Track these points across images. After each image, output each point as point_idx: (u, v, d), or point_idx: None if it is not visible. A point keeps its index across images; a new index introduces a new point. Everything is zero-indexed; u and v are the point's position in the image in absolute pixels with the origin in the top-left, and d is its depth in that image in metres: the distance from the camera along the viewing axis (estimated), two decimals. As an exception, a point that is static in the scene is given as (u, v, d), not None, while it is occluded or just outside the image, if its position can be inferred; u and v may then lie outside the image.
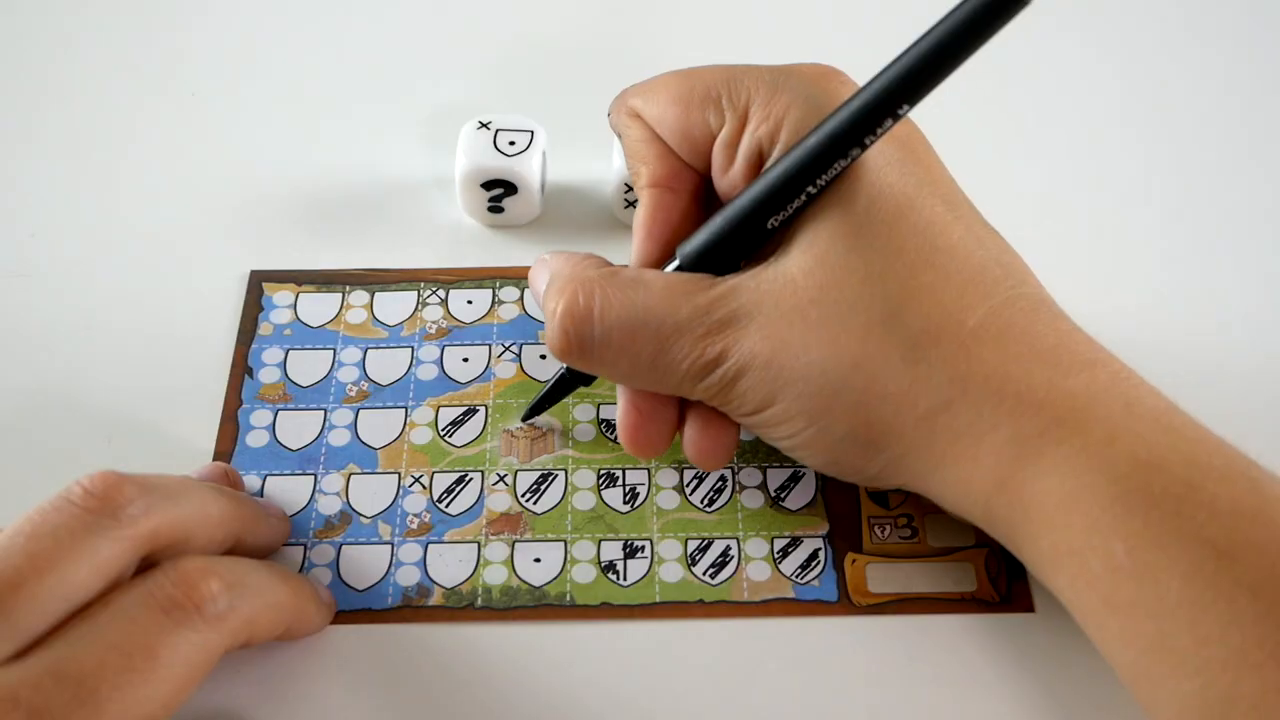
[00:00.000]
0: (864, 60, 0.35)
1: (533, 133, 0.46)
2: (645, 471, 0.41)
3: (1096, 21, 0.56)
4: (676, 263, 0.37)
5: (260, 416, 0.42)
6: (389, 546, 0.39)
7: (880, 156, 0.35)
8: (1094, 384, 0.33)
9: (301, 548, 0.39)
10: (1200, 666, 0.29)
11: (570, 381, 0.40)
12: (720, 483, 0.40)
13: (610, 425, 0.42)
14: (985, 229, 0.36)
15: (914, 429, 0.33)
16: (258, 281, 0.45)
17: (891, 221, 0.34)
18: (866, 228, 0.34)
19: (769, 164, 0.35)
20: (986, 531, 0.35)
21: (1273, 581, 0.29)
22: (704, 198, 0.39)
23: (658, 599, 0.38)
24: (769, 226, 0.35)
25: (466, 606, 0.38)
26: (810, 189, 0.34)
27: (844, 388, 0.33)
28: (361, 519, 0.39)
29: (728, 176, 0.37)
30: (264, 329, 0.44)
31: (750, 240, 0.36)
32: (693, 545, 0.39)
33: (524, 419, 0.41)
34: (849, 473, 0.36)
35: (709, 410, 0.37)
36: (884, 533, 0.39)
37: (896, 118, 0.33)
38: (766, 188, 0.35)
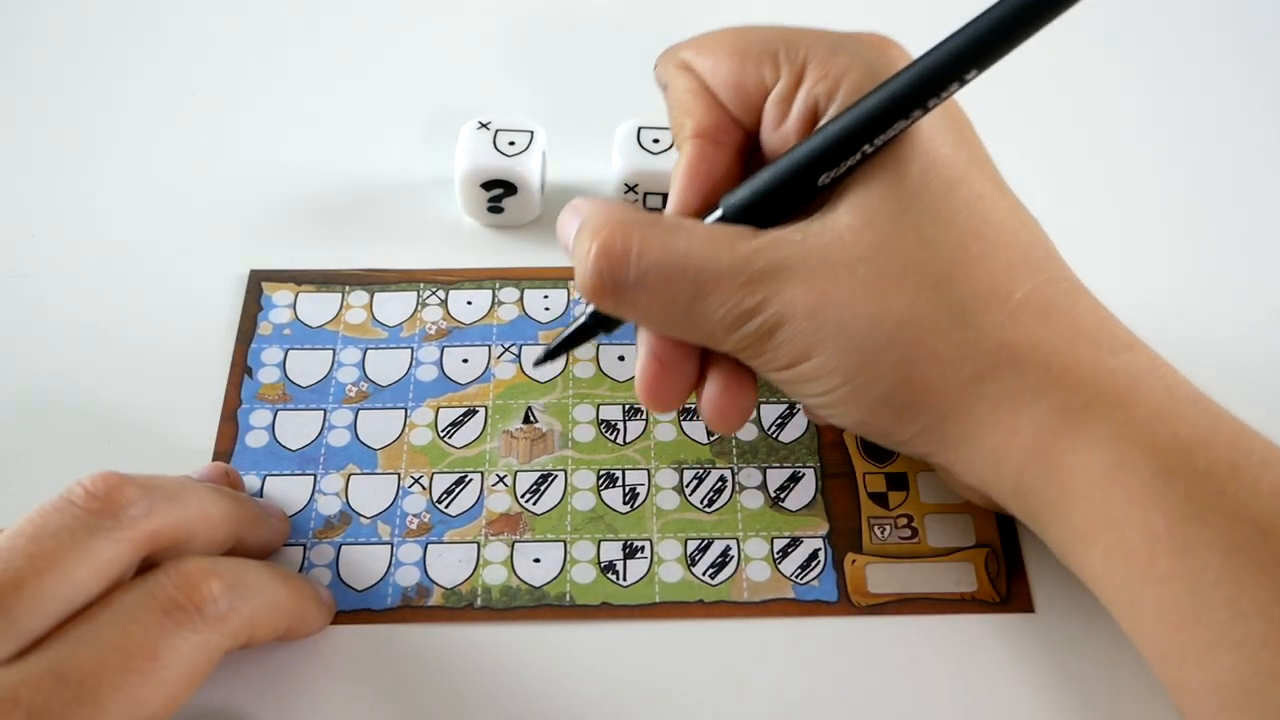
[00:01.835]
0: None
1: (533, 133, 0.46)
2: (645, 472, 0.41)
3: (1121, 15, 0.56)
4: (719, 213, 0.36)
5: (260, 416, 0.42)
6: (389, 547, 0.39)
7: (934, 128, 0.35)
8: (1135, 365, 0.33)
9: (301, 548, 0.39)
10: (1239, 641, 0.29)
11: (593, 327, 0.39)
12: (720, 483, 0.40)
13: (610, 426, 0.42)
14: (1026, 213, 0.36)
15: (957, 392, 0.33)
16: (257, 281, 0.45)
17: (944, 192, 0.34)
18: (920, 195, 0.34)
19: (824, 121, 0.35)
20: (1011, 509, 0.35)
21: None
22: (746, 156, 0.38)
23: (657, 599, 0.38)
24: (820, 183, 0.35)
25: (466, 607, 0.38)
26: (867, 148, 0.34)
27: (889, 345, 0.33)
28: (361, 519, 0.39)
29: (779, 132, 0.37)
30: (263, 329, 0.44)
31: (798, 195, 0.35)
32: (692, 545, 0.39)
33: (537, 363, 0.40)
34: (879, 435, 0.36)
35: (730, 369, 0.37)
36: (884, 533, 0.39)
37: (963, 82, 0.32)
38: (823, 143, 0.34)
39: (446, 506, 0.40)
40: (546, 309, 0.45)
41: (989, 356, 0.33)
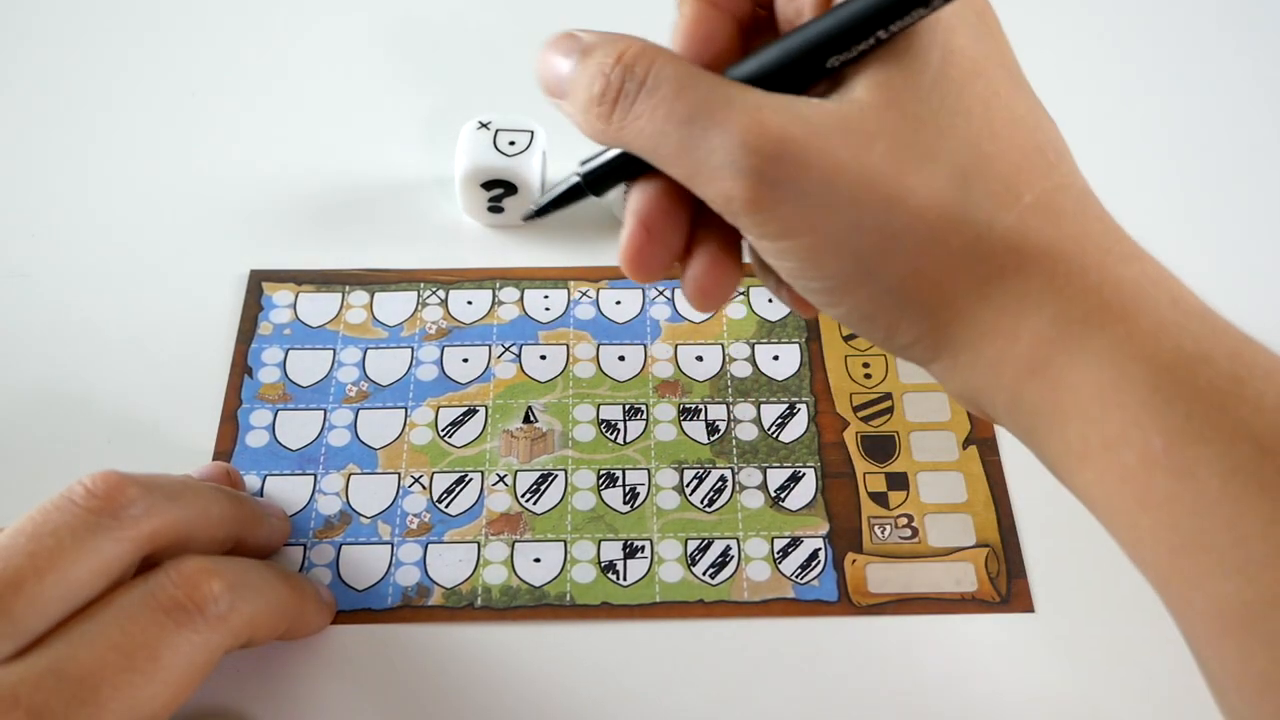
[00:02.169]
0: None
1: (533, 133, 0.46)
2: (645, 472, 0.41)
3: (1120, 13, 0.56)
4: None
5: (260, 416, 0.42)
6: (389, 546, 0.39)
7: (955, 16, 0.33)
8: (1142, 275, 0.32)
9: (301, 548, 0.39)
10: (1240, 565, 0.28)
11: (583, 188, 0.37)
12: (720, 483, 0.40)
13: (610, 425, 0.42)
14: (1044, 112, 0.34)
15: (967, 293, 0.31)
16: (258, 281, 0.45)
17: (962, 83, 0.32)
18: (939, 84, 0.32)
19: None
20: (1004, 423, 0.33)
21: None
22: (750, 27, 0.35)
23: (658, 599, 0.38)
24: (829, 65, 0.32)
25: (466, 606, 0.38)
26: (882, 33, 0.32)
27: (907, 233, 0.31)
28: (361, 519, 0.39)
29: (794, 2, 0.34)
30: (264, 329, 0.44)
31: (805, 75, 0.33)
32: (693, 545, 0.39)
33: (526, 218, 0.39)
34: (880, 333, 0.34)
35: (717, 245, 0.35)
36: (884, 533, 0.39)
37: None
38: (837, 23, 0.32)
39: (447, 506, 0.40)
40: (547, 309, 0.45)
41: (1000, 259, 0.31)
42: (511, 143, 0.46)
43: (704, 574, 0.38)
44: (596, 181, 0.36)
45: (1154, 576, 0.31)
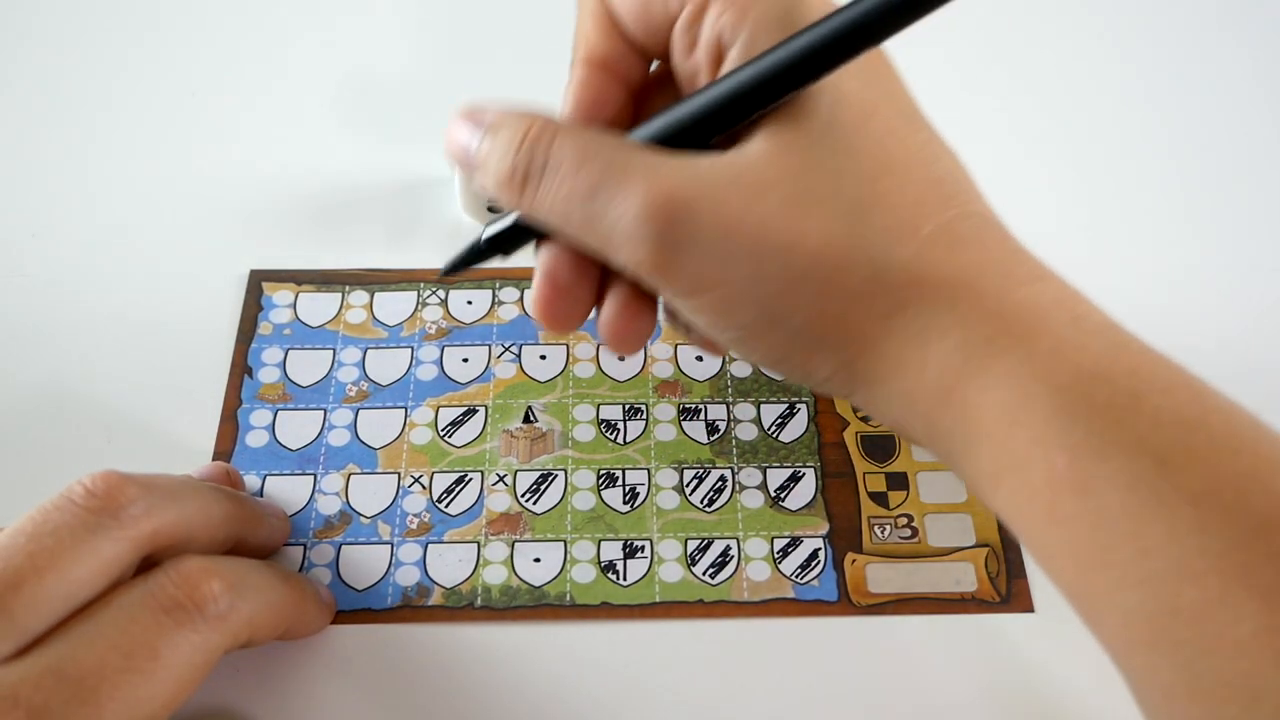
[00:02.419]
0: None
1: (533, 133, 0.46)
2: (645, 472, 0.41)
3: (1121, 11, 0.56)
4: None
5: (260, 416, 0.42)
6: (389, 546, 0.39)
7: (845, 66, 0.34)
8: (1042, 297, 0.32)
9: (301, 548, 0.39)
10: (1142, 579, 0.29)
11: (490, 250, 0.38)
12: (720, 483, 0.40)
13: (610, 425, 0.42)
14: (941, 146, 0.35)
15: (870, 329, 0.33)
16: (257, 281, 0.45)
17: (853, 127, 0.33)
18: (830, 129, 0.33)
19: (724, 70, 0.34)
20: (927, 448, 0.34)
21: (1213, 491, 0.29)
22: (638, 97, 0.37)
23: (657, 599, 0.38)
24: (710, 142, 0.34)
25: (466, 606, 0.38)
26: (759, 113, 0.33)
27: (806, 277, 0.32)
28: (361, 519, 0.39)
29: (690, 61, 0.35)
30: (264, 328, 0.44)
31: (703, 135, 0.34)
32: (692, 545, 0.39)
33: (443, 275, 0.40)
34: (793, 370, 0.35)
35: (630, 291, 0.36)
36: (884, 533, 0.39)
37: (856, 56, 0.32)
38: (713, 103, 0.33)
39: (446, 506, 0.40)
40: (546, 309, 0.45)
41: (900, 292, 0.32)
42: (511, 143, 0.46)
43: (704, 574, 0.38)
44: (504, 243, 0.38)
45: (1067, 591, 0.31)
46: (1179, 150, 0.51)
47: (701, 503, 0.40)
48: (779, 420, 0.42)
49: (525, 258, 0.46)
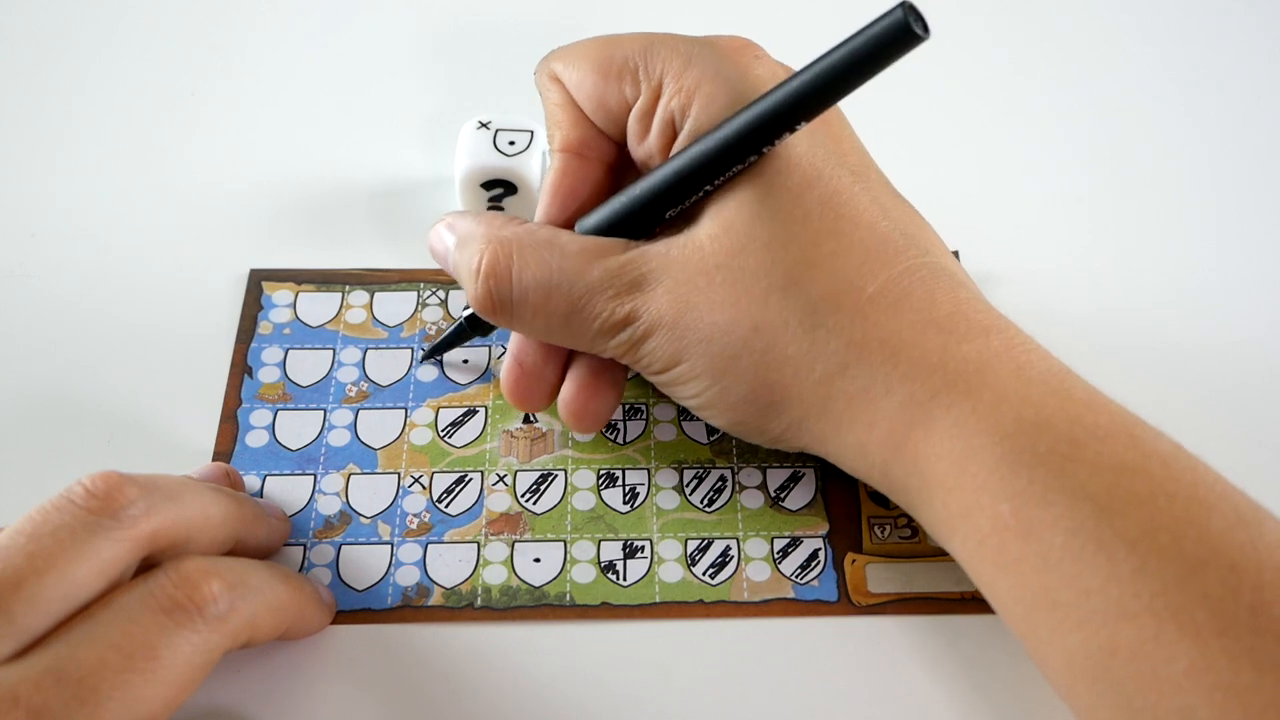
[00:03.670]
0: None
1: (533, 133, 0.46)
2: (645, 472, 0.41)
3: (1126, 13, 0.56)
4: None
5: (260, 416, 0.42)
6: (389, 546, 0.39)
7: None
8: (986, 350, 0.33)
9: (301, 548, 0.39)
10: (1083, 620, 0.30)
11: (469, 331, 0.42)
12: (720, 483, 0.40)
13: (610, 425, 0.42)
14: (893, 200, 0.37)
15: (811, 392, 0.34)
16: (257, 281, 0.45)
17: (798, 192, 0.35)
18: (772, 197, 0.35)
19: (674, 150, 0.36)
20: (887, 495, 0.35)
21: (1149, 535, 0.30)
22: (618, 167, 0.39)
23: (657, 599, 0.38)
24: (667, 216, 0.36)
25: (466, 606, 0.38)
26: (708, 187, 0.35)
27: (744, 350, 0.34)
28: (361, 519, 0.39)
29: (644, 146, 0.38)
30: (264, 328, 0.44)
31: (647, 224, 0.37)
32: (692, 545, 0.39)
33: (424, 359, 0.43)
34: (753, 433, 0.37)
35: (589, 372, 0.39)
36: (884, 533, 0.39)
37: (794, 130, 0.34)
38: (662, 182, 0.36)
39: (446, 506, 0.40)
40: (546, 309, 0.45)
41: (838, 355, 0.34)
42: (511, 143, 0.46)
43: (704, 574, 0.38)
44: (479, 324, 0.41)
45: (1016, 631, 0.33)
46: (1201, 152, 0.51)
47: (701, 503, 0.40)
48: (779, 420, 0.42)
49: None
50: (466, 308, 0.41)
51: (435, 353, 0.43)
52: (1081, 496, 0.30)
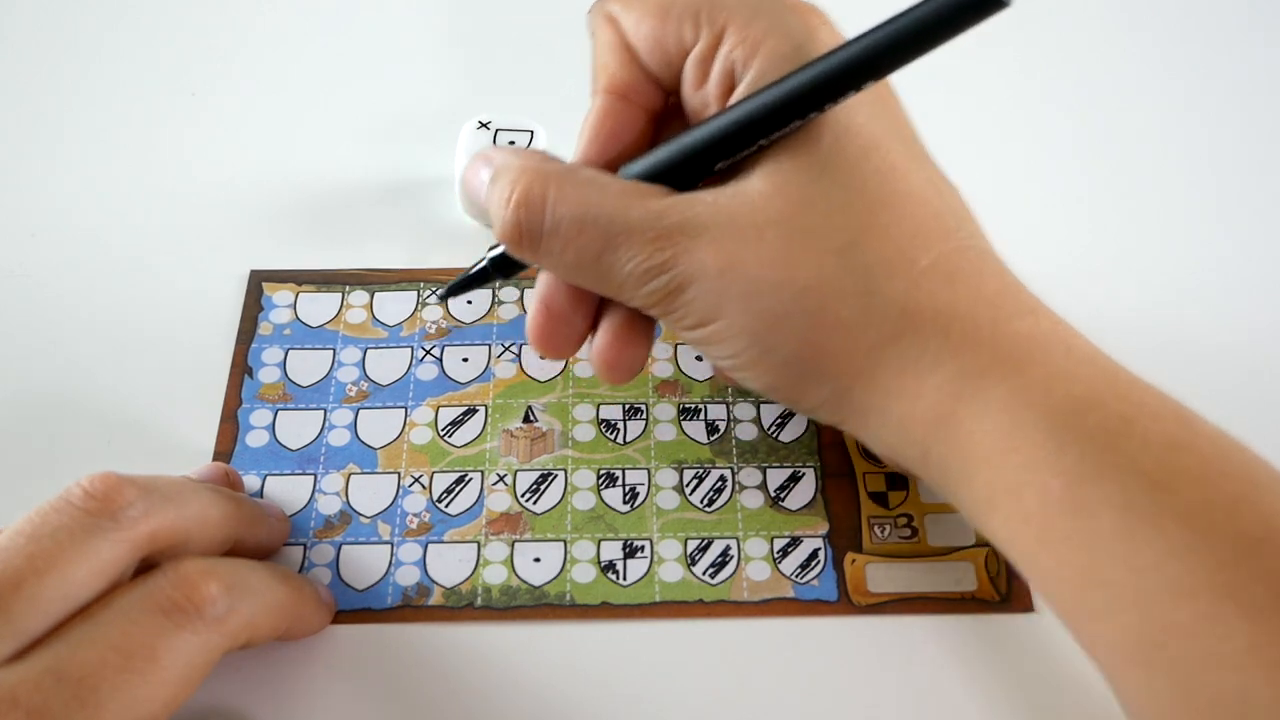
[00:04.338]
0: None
1: (533, 133, 0.46)
2: (645, 471, 0.41)
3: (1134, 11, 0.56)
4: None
5: (260, 416, 0.42)
6: (389, 546, 0.39)
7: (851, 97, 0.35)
8: (1036, 329, 0.33)
9: (301, 548, 0.39)
10: (1136, 598, 0.29)
11: (493, 272, 0.40)
12: (720, 483, 0.40)
13: (610, 425, 0.42)
14: (944, 181, 0.36)
15: (862, 359, 0.33)
16: (257, 281, 0.45)
17: (855, 160, 0.34)
18: (831, 162, 0.34)
19: (732, 100, 0.35)
20: (921, 475, 0.35)
21: (1204, 510, 0.29)
22: (661, 117, 0.38)
23: (657, 599, 0.38)
24: (716, 169, 0.35)
25: (466, 606, 0.38)
26: (763, 142, 0.34)
27: (793, 311, 0.33)
28: (361, 519, 0.39)
29: (699, 93, 0.37)
30: (264, 329, 0.44)
31: (695, 175, 0.35)
32: (692, 545, 0.39)
33: (442, 297, 0.42)
34: (789, 400, 0.36)
35: (622, 321, 0.37)
36: (884, 533, 0.39)
37: (859, 89, 0.33)
38: (718, 132, 0.35)
39: (446, 506, 0.40)
40: (546, 309, 0.45)
41: (891, 323, 0.33)
42: (511, 142, 0.46)
43: (704, 574, 0.38)
44: (506, 265, 0.39)
45: (1061, 612, 0.32)
46: (1202, 152, 0.51)
47: (701, 502, 0.40)
48: (779, 420, 0.42)
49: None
50: (493, 248, 0.39)
51: (453, 292, 0.41)
52: (1133, 472, 0.30)
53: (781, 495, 0.40)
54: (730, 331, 0.34)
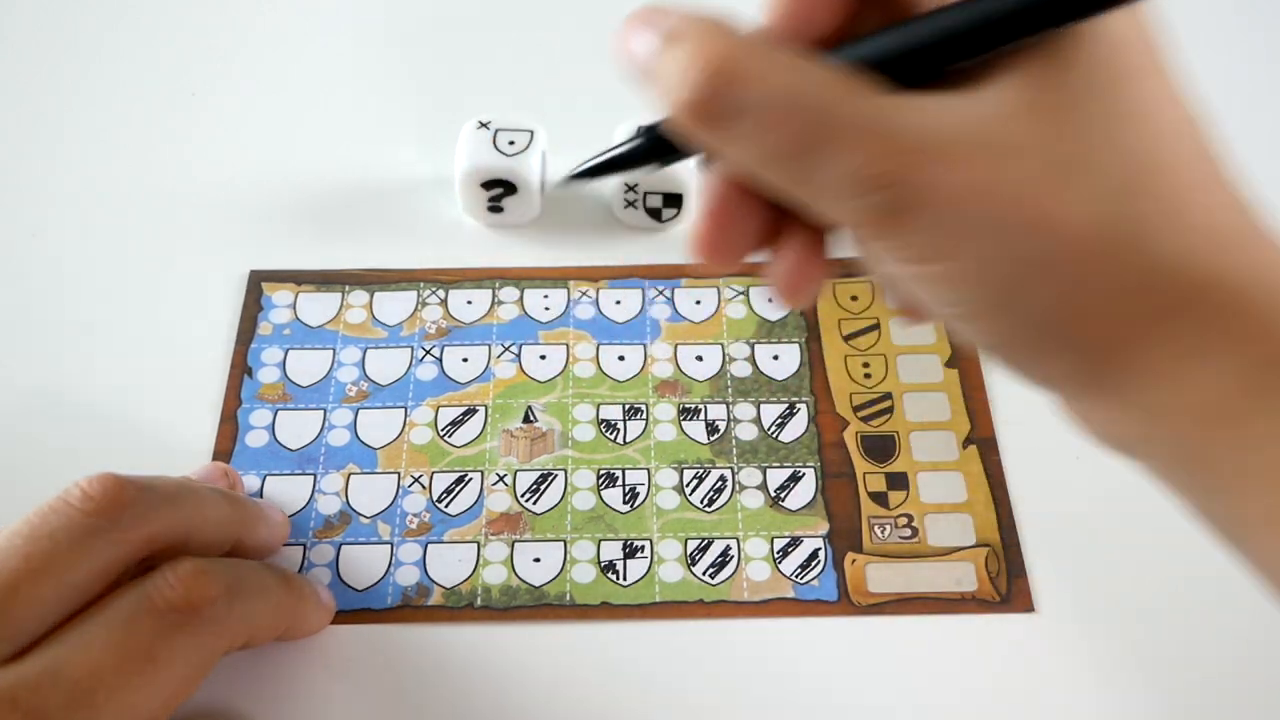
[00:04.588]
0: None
1: (533, 133, 0.46)
2: (645, 472, 0.41)
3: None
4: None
5: (260, 416, 0.42)
6: (388, 546, 0.39)
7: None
8: None
9: (301, 548, 0.39)
10: None
11: (649, 152, 0.32)
12: (720, 483, 0.40)
13: (610, 425, 0.42)
14: (1204, 120, 0.29)
15: (1131, 330, 0.27)
16: (257, 281, 0.45)
17: (1126, 86, 0.27)
18: (1097, 86, 0.27)
19: None
20: (1163, 475, 0.29)
21: None
22: (856, 7, 0.30)
23: (657, 599, 0.38)
24: (943, 71, 0.28)
25: (466, 606, 0.38)
26: (1007, 47, 0.27)
27: (1056, 261, 0.27)
28: (361, 519, 0.39)
29: None
30: (263, 329, 0.44)
31: (918, 74, 0.28)
32: (692, 545, 0.39)
33: (575, 176, 0.33)
34: (1017, 365, 0.29)
35: (809, 239, 0.30)
36: (884, 533, 0.39)
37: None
38: (964, 23, 0.27)
39: (446, 506, 0.40)
40: (546, 308, 0.45)
41: (1169, 291, 0.27)
42: (511, 142, 0.46)
43: (704, 574, 0.38)
44: (661, 150, 0.31)
45: None
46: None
47: (701, 503, 0.40)
48: (779, 420, 0.42)
49: (520, 256, 0.47)
50: (649, 127, 0.31)
51: (594, 172, 0.33)
52: None
53: (782, 495, 0.40)
54: (961, 278, 0.28)
